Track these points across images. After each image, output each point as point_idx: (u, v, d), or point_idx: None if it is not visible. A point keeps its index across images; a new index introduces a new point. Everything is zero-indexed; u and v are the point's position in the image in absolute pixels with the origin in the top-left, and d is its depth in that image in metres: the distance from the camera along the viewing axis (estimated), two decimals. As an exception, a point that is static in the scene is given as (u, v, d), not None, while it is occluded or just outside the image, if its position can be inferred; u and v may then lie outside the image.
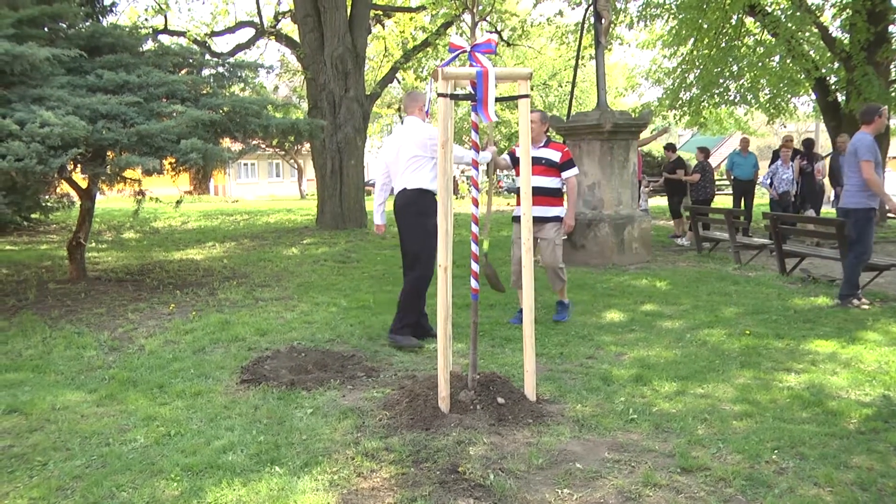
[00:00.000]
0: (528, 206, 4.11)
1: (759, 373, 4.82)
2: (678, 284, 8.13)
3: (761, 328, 6.02)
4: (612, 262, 9.62)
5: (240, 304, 7.34)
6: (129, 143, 6.66)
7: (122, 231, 14.90)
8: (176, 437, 3.81)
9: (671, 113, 17.95)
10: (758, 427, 3.84)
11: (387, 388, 4.59)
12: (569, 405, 4.23)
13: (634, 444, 3.66)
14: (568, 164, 6.14)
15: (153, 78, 7.34)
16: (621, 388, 4.53)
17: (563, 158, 6.11)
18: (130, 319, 6.68)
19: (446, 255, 4.03)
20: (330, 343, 5.78)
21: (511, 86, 4.54)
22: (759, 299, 7.23)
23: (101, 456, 3.59)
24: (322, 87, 14.46)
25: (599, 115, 9.82)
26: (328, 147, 14.39)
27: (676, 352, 5.37)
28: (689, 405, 4.20)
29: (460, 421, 3.86)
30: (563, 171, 6.12)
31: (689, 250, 11.34)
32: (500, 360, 5.16)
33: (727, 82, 16.61)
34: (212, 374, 4.94)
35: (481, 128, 4.27)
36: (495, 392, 4.13)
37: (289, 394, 4.47)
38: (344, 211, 14.59)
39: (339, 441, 3.72)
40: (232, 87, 8.99)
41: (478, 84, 3.92)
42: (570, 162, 6.16)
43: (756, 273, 8.94)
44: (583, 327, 6.18)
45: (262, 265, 10.03)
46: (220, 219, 18.29)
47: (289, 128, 8.33)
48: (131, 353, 5.55)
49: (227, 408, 4.25)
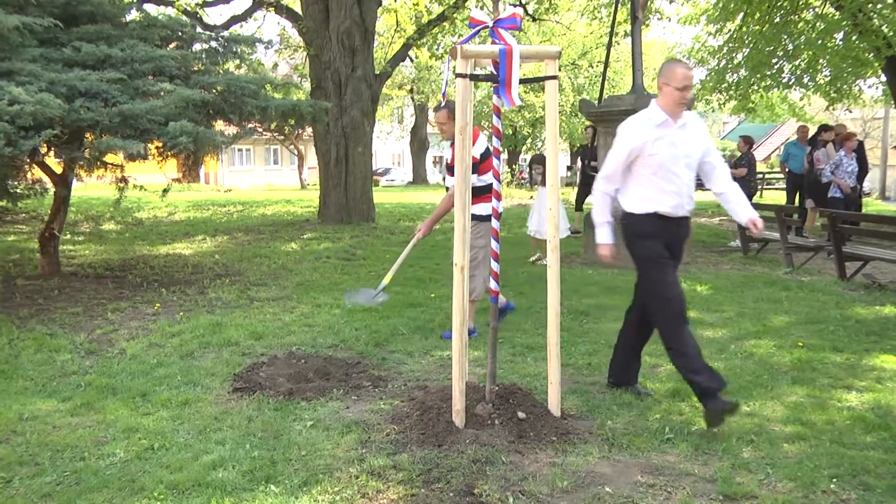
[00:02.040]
0: (555, 202, 4.10)
1: (814, 390, 4.79)
2: (721, 289, 8.08)
3: (816, 340, 5.97)
4: (647, 263, 9.56)
5: (233, 304, 7.38)
6: (111, 124, 6.68)
7: (101, 222, 15.01)
8: (160, 451, 3.83)
9: (715, 97, 17.81)
10: (812, 451, 3.81)
11: (395, 399, 4.60)
12: (597, 422, 4.22)
13: (671, 466, 3.64)
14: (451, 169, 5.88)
15: (138, 52, 7.37)
16: (656, 404, 4.51)
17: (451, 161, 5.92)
18: (110, 320, 6.73)
19: (463, 253, 4.03)
20: (333, 349, 5.79)
21: (537, 66, 4.53)
22: (815, 307, 7.18)
23: (75, 472, 3.61)
24: (326, 65, 14.49)
25: (635, 100, 9.77)
26: (332, 132, 14.43)
27: (719, 364, 5.32)
28: (733, 425, 4.16)
29: (476, 437, 3.85)
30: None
31: (733, 251, 11.28)
32: (521, 371, 5.16)
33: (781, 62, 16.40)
34: (201, 381, 4.97)
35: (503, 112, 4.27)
36: (516, 406, 4.12)
37: (286, 404, 4.48)
38: (349, 203, 14.63)
39: (342, 458, 3.73)
40: (226, 63, 9.02)
41: (501, 63, 3.91)
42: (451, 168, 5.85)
43: (811, 278, 8.88)
44: (614, 335, 6.10)
45: (258, 262, 10.07)
46: (212, 210, 18.39)
47: (289, 110, 8.35)
48: (111, 357, 5.59)
49: (218, 419, 4.27)
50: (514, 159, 39.13)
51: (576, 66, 33.26)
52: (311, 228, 13.92)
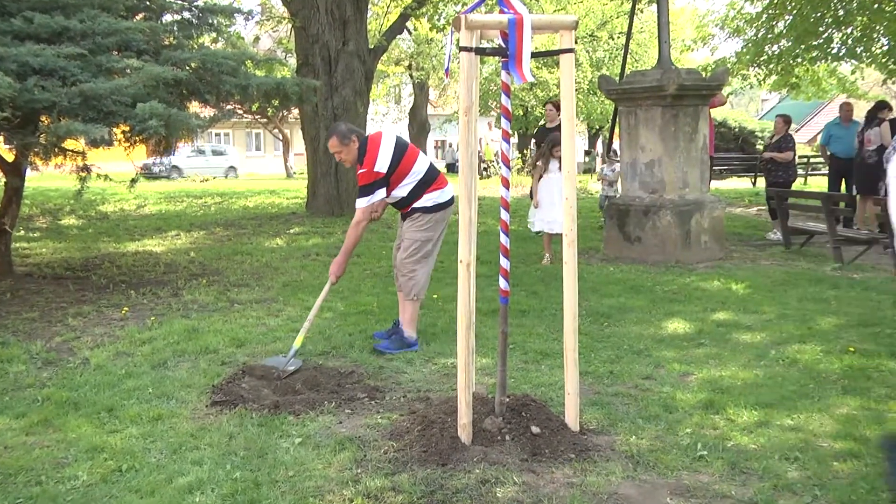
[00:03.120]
0: (571, 190, 4.09)
1: (869, 401, 4.78)
2: (760, 288, 8.08)
3: (871, 344, 5.96)
4: (675, 258, 9.58)
5: (211, 307, 7.39)
6: (70, 105, 6.65)
7: (60, 216, 15.03)
8: (129, 473, 3.83)
9: (753, 71, 17.74)
10: (867, 471, 3.80)
11: (394, 412, 4.60)
12: (620, 437, 4.22)
13: (704, 487, 3.64)
14: (358, 190, 5.92)
15: (100, 24, 7.33)
16: (687, 417, 4.51)
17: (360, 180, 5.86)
18: (71, 326, 6.74)
19: (469, 248, 4.03)
20: (323, 356, 5.81)
21: (550, 38, 4.53)
22: (868, 308, 7.17)
23: (30, 498, 3.60)
24: (314, 38, 14.48)
25: (661, 75, 9.76)
26: (322, 113, 14.43)
27: (758, 372, 5.33)
28: (775, 440, 4.17)
29: (485, 455, 3.86)
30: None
31: (773, 245, 11.26)
32: (534, 380, 5.16)
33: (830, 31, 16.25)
34: (175, 394, 4.97)
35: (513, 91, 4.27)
36: (529, 419, 4.12)
37: (272, 419, 4.49)
38: (340, 193, 14.64)
39: (335, 478, 3.73)
40: (201, 37, 9.03)
41: (510, 35, 3.90)
42: (359, 188, 5.90)
43: (863, 275, 8.87)
44: (638, 340, 6.16)
45: (239, 260, 10.09)
46: (186, 202, 18.42)
47: (273, 89, 8.35)
48: (72, 367, 5.59)
49: (195, 436, 4.28)
50: (525, 143, 39.11)
51: (594, 38, 33.17)
52: (299, 222, 13.94)
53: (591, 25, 31.91)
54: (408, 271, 5.95)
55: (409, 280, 5.95)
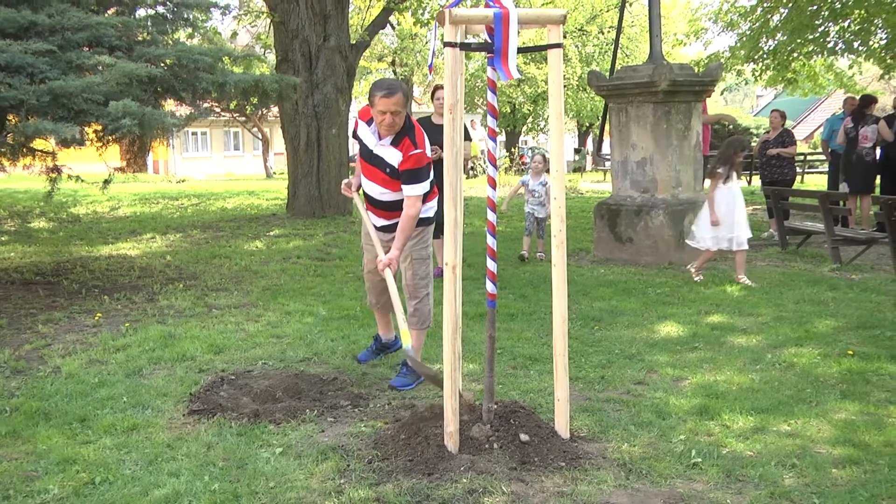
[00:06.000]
0: (559, 189, 4.11)
1: (868, 406, 4.81)
2: (756, 289, 8.12)
3: (870, 347, 6.00)
4: (668, 259, 9.61)
5: (188, 313, 7.37)
6: (39, 104, 6.63)
7: (29, 219, 14.95)
8: (102, 485, 3.82)
9: (748, 67, 17.82)
10: (868, 478, 3.82)
11: (378, 420, 4.60)
12: (612, 444, 4.23)
13: (698, 495, 3.65)
14: (409, 175, 5.08)
15: (70, 19, 7.31)
16: (680, 424, 4.52)
17: (402, 164, 5.07)
18: (41, 333, 6.71)
19: (455, 250, 4.03)
20: (305, 363, 5.80)
21: (538, 33, 4.54)
22: (867, 310, 7.22)
23: (2, 512, 3.60)
24: (294, 33, 14.46)
25: (652, 71, 9.79)
26: (302, 111, 14.41)
27: (753, 376, 5.36)
28: (772, 447, 4.19)
29: (472, 464, 3.86)
30: (404, 183, 5.12)
31: (770, 245, 11.31)
32: (523, 386, 5.17)
33: (826, 24, 16.31)
34: (151, 403, 4.95)
35: (499, 87, 4.27)
36: (517, 427, 4.13)
37: (251, 428, 4.48)
38: (322, 194, 14.61)
39: (317, 490, 3.73)
40: (176, 32, 9.01)
41: (496, 30, 3.91)
42: (411, 173, 5.08)
43: (862, 275, 8.93)
44: (630, 344, 6.18)
45: (217, 263, 10.05)
46: (162, 204, 18.34)
47: (251, 86, 8.34)
48: (42, 376, 5.56)
49: (172, 447, 4.26)
50: (513, 141, 39.18)
51: (584, 33, 33.33)
52: (279, 224, 13.90)
53: (581, 19, 32.08)
54: (422, 295, 5.42)
55: (425, 306, 5.44)
